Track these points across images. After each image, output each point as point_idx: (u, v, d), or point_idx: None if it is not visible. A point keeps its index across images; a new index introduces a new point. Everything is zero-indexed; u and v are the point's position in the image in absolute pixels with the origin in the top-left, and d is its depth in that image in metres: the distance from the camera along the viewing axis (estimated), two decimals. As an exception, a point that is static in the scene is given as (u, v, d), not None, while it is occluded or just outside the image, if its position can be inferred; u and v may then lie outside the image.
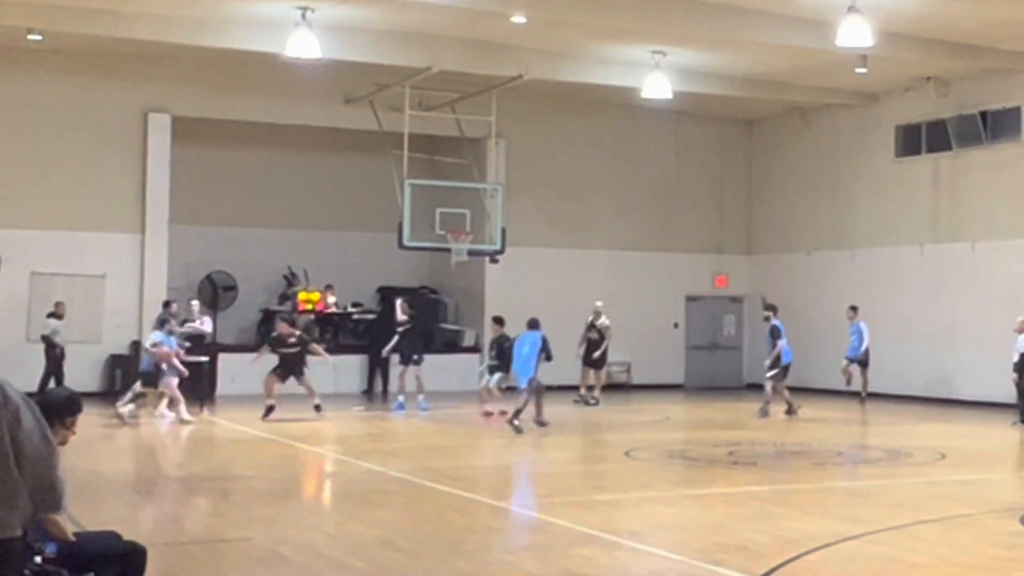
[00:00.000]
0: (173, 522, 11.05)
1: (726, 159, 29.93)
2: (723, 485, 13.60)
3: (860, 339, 23.90)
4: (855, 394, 24.04)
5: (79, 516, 10.00)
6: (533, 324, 19.15)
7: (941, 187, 25.22)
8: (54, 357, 23.07)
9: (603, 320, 23.82)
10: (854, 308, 24.25)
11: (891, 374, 25.50)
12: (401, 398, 22.03)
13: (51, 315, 23.15)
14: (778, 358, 21.47)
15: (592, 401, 23.52)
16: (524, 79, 22.99)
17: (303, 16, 19.89)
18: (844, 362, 24.20)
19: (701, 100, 26.72)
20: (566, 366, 23.31)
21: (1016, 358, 19.74)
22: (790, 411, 21.21)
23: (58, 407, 6.66)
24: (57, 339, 23.02)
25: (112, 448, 17.01)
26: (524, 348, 18.74)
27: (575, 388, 24.05)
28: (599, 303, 24.00)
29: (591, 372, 24.01)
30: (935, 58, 22.26)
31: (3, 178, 23.84)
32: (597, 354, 23.84)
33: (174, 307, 22.12)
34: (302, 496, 13.57)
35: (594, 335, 23.83)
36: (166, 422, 19.55)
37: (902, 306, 25.68)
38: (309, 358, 20.95)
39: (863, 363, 24.01)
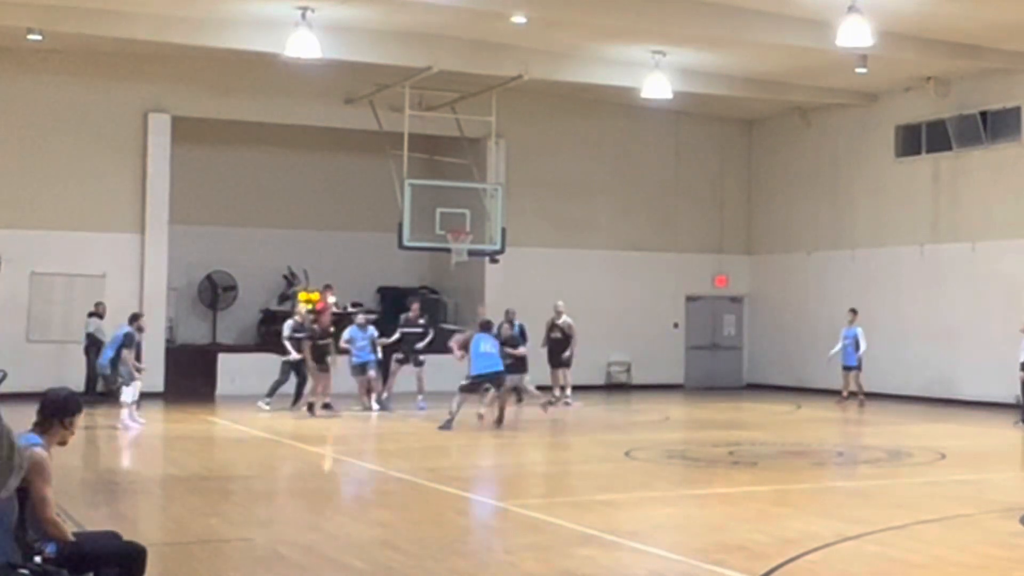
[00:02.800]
0: (173, 522, 11.04)
1: (726, 159, 29.93)
2: (723, 485, 13.59)
3: (856, 345, 23.62)
4: (853, 395, 23.98)
5: (79, 516, 10.01)
6: None
7: (941, 187, 25.21)
8: (94, 357, 23.29)
9: (565, 319, 23.06)
10: (854, 311, 23.94)
11: (891, 374, 25.51)
12: (386, 396, 21.84)
13: (92, 314, 23.34)
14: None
15: (567, 402, 22.70)
16: (524, 79, 22.99)
17: (303, 16, 19.89)
18: (844, 372, 23.83)
19: (701, 100, 26.72)
20: (578, 365, 23.40)
21: (1023, 358, 19.70)
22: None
23: (56, 407, 6.66)
24: (101, 337, 23.29)
25: (112, 448, 17.01)
26: None
27: (588, 388, 23.96)
28: (560, 303, 23.31)
29: (560, 372, 23.24)
30: (935, 58, 22.26)
31: (3, 178, 23.84)
32: (566, 354, 23.05)
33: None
34: (302, 496, 13.56)
35: (557, 335, 23.10)
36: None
37: (902, 306, 25.67)
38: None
39: (858, 367, 23.80)
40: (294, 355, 21.27)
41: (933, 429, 19.73)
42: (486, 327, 19.37)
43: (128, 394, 18.50)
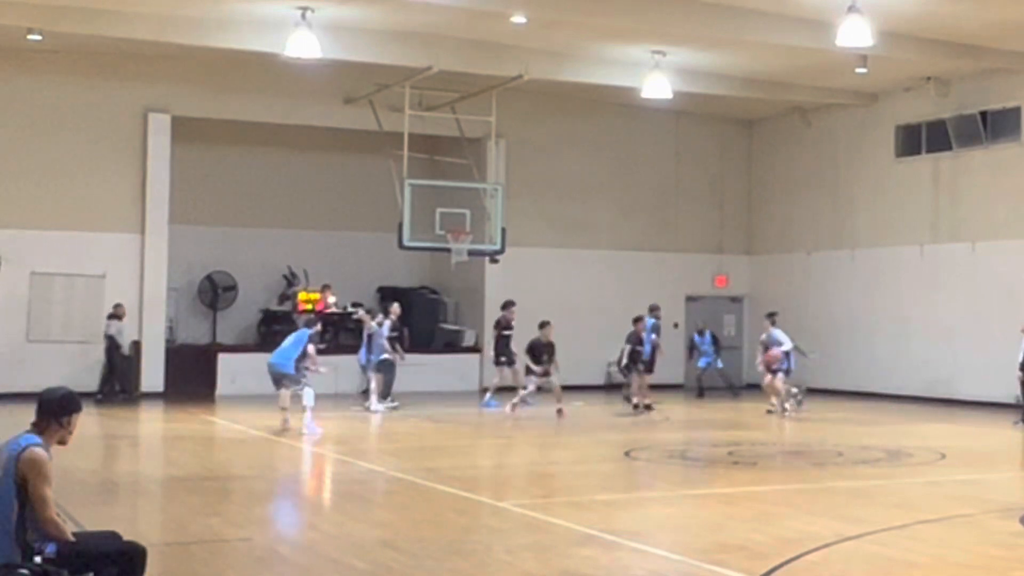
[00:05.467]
0: (173, 522, 11.05)
1: (726, 159, 29.93)
2: (723, 485, 13.59)
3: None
4: (856, 394, 23.92)
5: (79, 516, 10.01)
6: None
7: (941, 187, 25.21)
8: (116, 358, 23.51)
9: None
10: (771, 315, 22.32)
11: (891, 374, 25.52)
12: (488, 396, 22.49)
13: (111, 316, 23.53)
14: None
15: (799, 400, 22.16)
16: (524, 79, 22.99)
17: (303, 16, 19.89)
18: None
19: (701, 100, 26.72)
20: (572, 364, 23.36)
21: (1022, 357, 19.69)
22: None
23: (54, 407, 6.65)
24: (120, 340, 23.45)
25: (112, 448, 17.02)
26: None
27: (588, 388, 23.98)
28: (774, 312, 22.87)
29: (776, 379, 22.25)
30: (935, 58, 22.26)
31: (3, 178, 23.84)
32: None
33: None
34: (302, 496, 13.57)
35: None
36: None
37: (902, 306, 25.67)
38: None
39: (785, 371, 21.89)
40: (391, 354, 21.99)
41: (933, 429, 19.73)
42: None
43: (309, 397, 17.89)
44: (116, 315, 23.70)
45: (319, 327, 19.62)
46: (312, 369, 18.38)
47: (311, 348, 18.33)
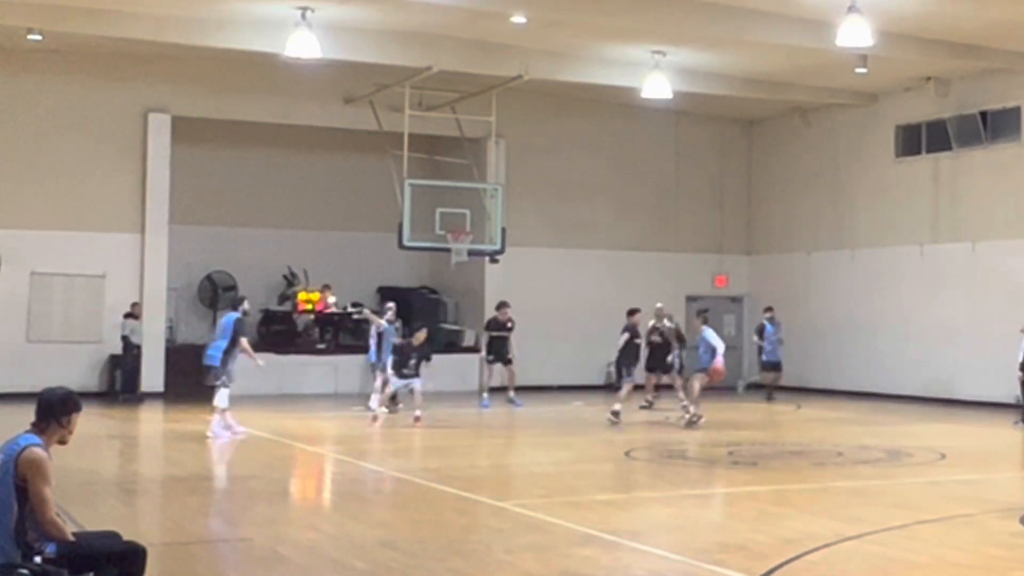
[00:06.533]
0: (173, 522, 11.05)
1: (726, 159, 29.92)
2: (723, 485, 13.58)
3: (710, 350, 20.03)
4: (856, 394, 23.93)
5: (79, 516, 10.01)
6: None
7: (941, 187, 25.21)
8: (131, 357, 23.58)
9: (667, 322, 21.83)
10: (702, 313, 21.09)
11: (891, 374, 25.51)
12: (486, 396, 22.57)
13: (128, 315, 23.67)
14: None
15: (685, 408, 20.22)
16: (524, 79, 22.99)
17: (303, 16, 19.89)
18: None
19: (701, 100, 26.71)
20: (572, 364, 23.31)
21: (1021, 357, 19.70)
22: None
23: (53, 407, 6.64)
24: (135, 339, 23.51)
25: (112, 448, 17.01)
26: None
27: (588, 388, 23.97)
28: (659, 304, 22.36)
29: (655, 377, 22.22)
30: (935, 58, 22.25)
31: (3, 178, 23.84)
32: (670, 358, 21.78)
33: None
34: (302, 496, 13.57)
35: (657, 338, 21.70)
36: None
37: (902, 306, 25.67)
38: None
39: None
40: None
41: (933, 429, 19.73)
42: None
43: (224, 397, 17.05)
44: (133, 315, 23.89)
45: (246, 306, 17.88)
46: (253, 360, 17.08)
47: (242, 339, 17.01)
